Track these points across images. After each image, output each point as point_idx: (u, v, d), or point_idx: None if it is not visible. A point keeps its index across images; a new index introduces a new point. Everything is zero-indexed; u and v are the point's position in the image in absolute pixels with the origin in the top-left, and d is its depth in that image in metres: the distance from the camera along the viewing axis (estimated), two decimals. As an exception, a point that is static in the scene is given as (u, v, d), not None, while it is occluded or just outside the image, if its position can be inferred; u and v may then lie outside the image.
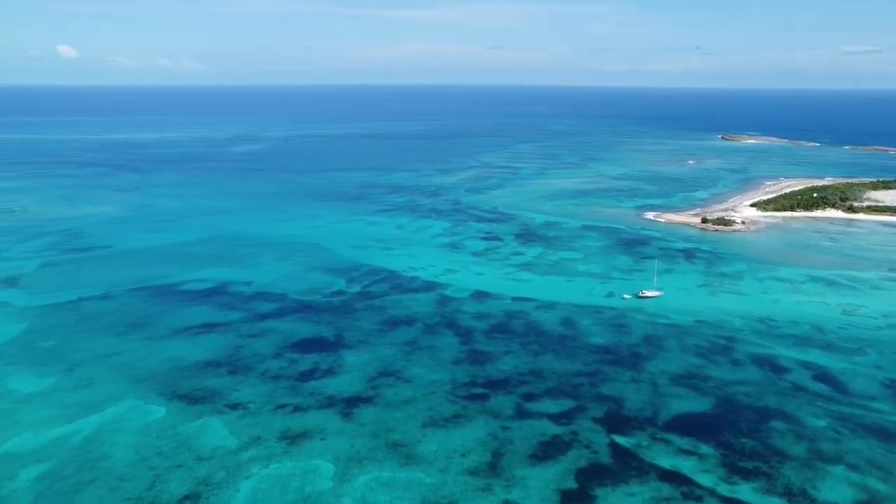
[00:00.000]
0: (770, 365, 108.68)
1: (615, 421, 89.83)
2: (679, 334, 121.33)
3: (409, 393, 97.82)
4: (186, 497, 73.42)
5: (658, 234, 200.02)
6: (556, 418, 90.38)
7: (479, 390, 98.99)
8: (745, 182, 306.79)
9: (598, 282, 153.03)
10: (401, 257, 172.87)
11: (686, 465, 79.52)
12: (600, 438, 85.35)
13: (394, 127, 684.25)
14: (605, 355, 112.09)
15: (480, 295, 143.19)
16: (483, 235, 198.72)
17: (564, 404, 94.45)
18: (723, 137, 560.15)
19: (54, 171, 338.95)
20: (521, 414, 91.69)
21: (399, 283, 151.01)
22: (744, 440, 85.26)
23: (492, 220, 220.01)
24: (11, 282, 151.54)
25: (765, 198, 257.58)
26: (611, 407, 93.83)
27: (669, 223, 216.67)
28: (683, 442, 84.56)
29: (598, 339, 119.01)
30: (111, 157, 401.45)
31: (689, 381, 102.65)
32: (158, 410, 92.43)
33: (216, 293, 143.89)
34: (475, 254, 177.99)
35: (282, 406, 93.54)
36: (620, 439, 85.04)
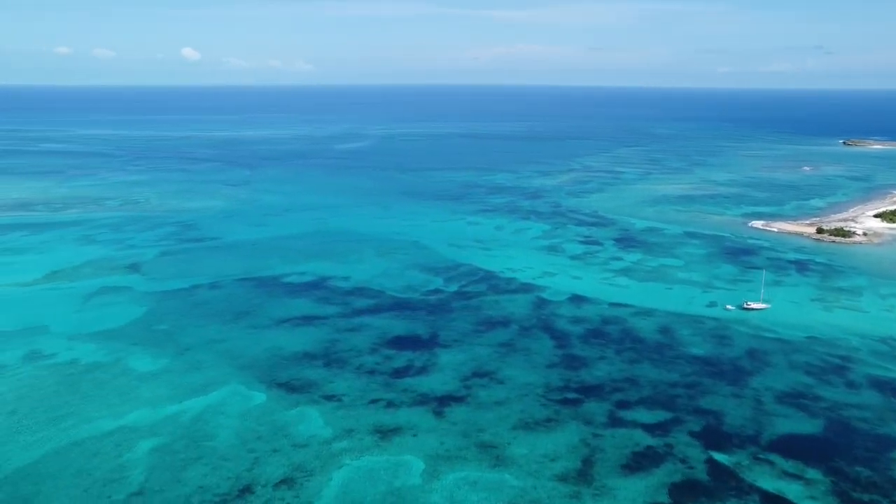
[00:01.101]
0: (892, 389, 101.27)
1: (714, 436, 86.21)
2: (787, 350, 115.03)
3: (502, 394, 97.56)
4: (282, 481, 76.20)
5: (767, 244, 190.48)
6: (650, 429, 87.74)
7: (572, 395, 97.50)
8: (869, 191, 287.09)
9: (699, 290, 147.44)
10: (499, 258, 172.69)
11: (791, 490, 75.25)
12: (697, 453, 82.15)
13: (495, 127, 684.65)
14: (705, 367, 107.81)
15: (577, 299, 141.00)
16: (582, 239, 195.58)
17: (660, 415, 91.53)
18: (844, 143, 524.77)
19: (173, 166, 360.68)
20: (615, 422, 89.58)
21: (496, 284, 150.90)
22: (859, 469, 79.70)
23: (591, 224, 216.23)
24: (135, 268, 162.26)
25: (891, 208, 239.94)
26: (709, 421, 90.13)
27: (780, 232, 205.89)
28: (789, 465, 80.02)
29: (697, 350, 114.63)
30: (223, 154, 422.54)
31: (798, 400, 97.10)
32: (259, 396, 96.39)
33: (316, 287, 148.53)
34: (573, 257, 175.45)
35: (375, 400, 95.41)
36: (719, 456, 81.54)
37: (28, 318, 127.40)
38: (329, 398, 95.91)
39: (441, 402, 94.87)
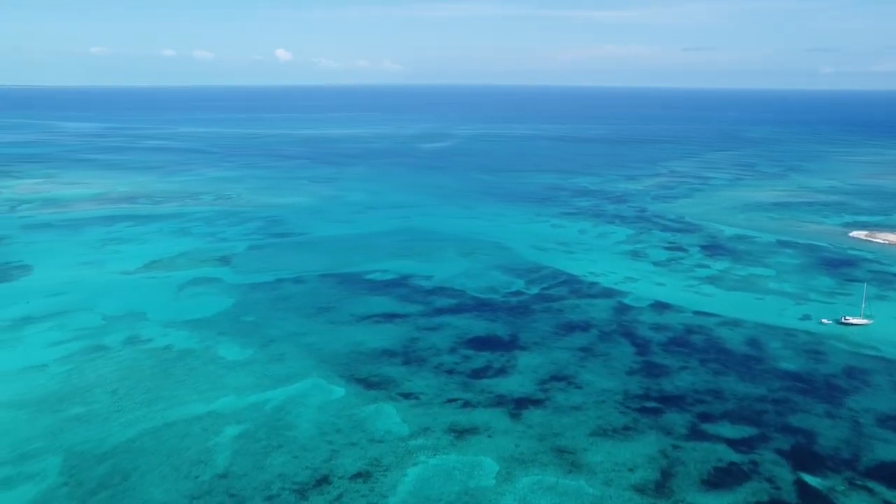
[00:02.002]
0: None
1: (804, 457, 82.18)
2: (891, 370, 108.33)
3: (580, 399, 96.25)
4: (358, 474, 77.71)
5: (870, 256, 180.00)
6: (734, 444, 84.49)
7: (651, 404, 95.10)
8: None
9: (792, 302, 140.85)
10: (581, 262, 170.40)
11: (887, 516, 70.93)
12: (785, 474, 78.52)
13: (581, 130, 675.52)
14: (796, 383, 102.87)
15: (660, 306, 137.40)
16: (667, 245, 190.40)
17: (745, 430, 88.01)
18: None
19: (263, 163, 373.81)
20: (696, 434, 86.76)
21: (578, 288, 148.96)
22: (963, 497, 74.32)
23: (677, 230, 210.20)
24: (225, 261, 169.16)
25: None
26: (799, 440, 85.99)
27: (886, 244, 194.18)
28: (892, 494, 75.24)
29: (788, 365, 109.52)
30: (310, 151, 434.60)
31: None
32: (338, 390, 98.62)
33: (398, 284, 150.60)
34: (657, 263, 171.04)
35: (452, 400, 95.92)
36: (810, 478, 77.66)
37: (129, 305, 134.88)
38: (407, 396, 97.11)
39: (518, 405, 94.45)
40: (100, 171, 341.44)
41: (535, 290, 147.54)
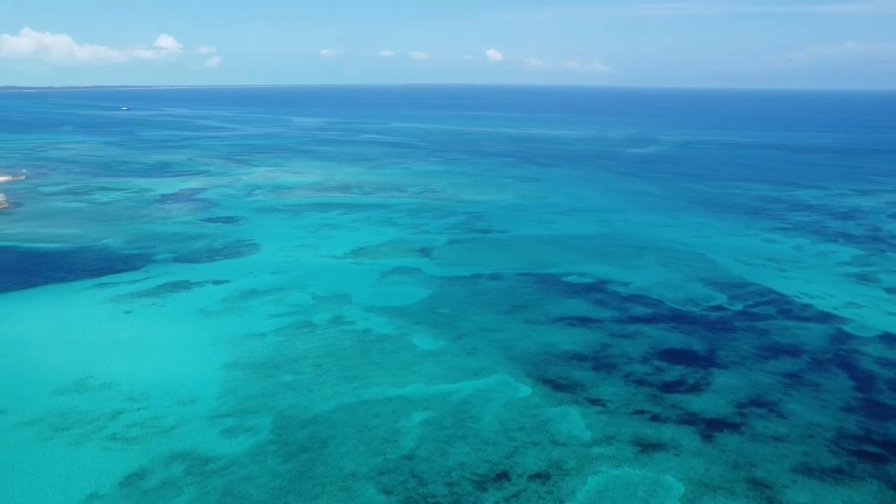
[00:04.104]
0: None
1: None
2: None
3: (782, 430, 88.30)
4: (537, 475, 77.58)
5: None
6: (974, 506, 72.86)
7: (873, 448, 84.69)
8: None
9: None
10: (794, 281, 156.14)
11: None
12: None
13: (806, 138, 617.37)
14: None
15: (891, 338, 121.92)
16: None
17: None
18: None
19: (469, 159, 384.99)
20: (926, 490, 75.94)
21: (788, 309, 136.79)
22: None
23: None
24: (426, 252, 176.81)
25: None
26: None
27: None
28: None
29: None
30: (514, 150, 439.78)
31: None
32: (525, 389, 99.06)
33: (593, 289, 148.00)
34: (890, 290, 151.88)
35: (640, 411, 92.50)
36: None
37: (336, 288, 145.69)
38: (593, 401, 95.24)
39: (710, 426, 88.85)
40: (319, 162, 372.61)
41: (738, 306, 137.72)
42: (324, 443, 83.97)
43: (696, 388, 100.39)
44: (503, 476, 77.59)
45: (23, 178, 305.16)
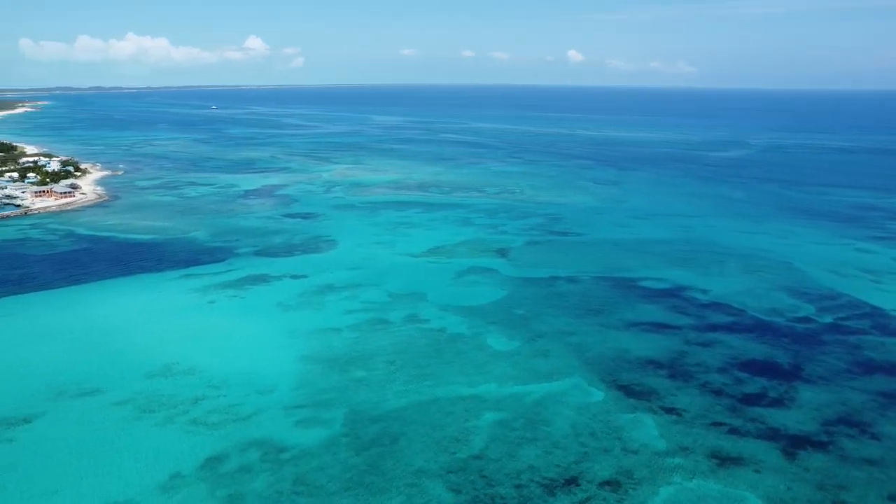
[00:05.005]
0: None
1: None
2: None
3: (876, 452, 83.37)
4: (607, 482, 76.06)
5: None
6: None
7: (973, 475, 79.03)
8: None
9: None
10: (893, 294, 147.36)
11: None
12: None
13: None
14: None
15: None
16: None
17: None
18: None
19: (547, 161, 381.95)
20: None
21: (884, 323, 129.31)
22: None
23: None
24: (503, 253, 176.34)
25: None
26: None
27: None
28: None
29: None
30: (594, 152, 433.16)
31: None
32: (598, 394, 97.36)
33: (671, 295, 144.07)
34: None
35: (718, 423, 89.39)
36: None
37: (412, 285, 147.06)
38: (668, 410, 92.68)
39: (794, 443, 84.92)
40: (398, 160, 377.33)
41: (827, 318, 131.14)
42: (394, 438, 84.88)
43: (779, 403, 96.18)
44: (573, 481, 76.46)
45: (121, 172, 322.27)
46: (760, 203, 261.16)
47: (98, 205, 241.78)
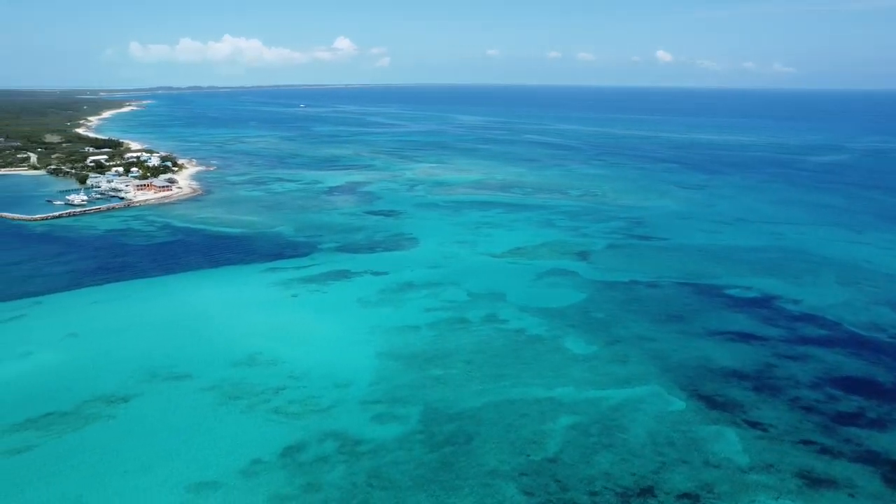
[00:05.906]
0: None
1: None
2: None
3: (981, 480, 77.65)
4: (686, 495, 73.77)
5: None
6: None
7: None
8: None
9: None
10: None
11: None
12: None
13: None
14: None
15: None
16: None
17: None
18: None
19: (631, 164, 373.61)
20: None
21: None
22: None
23: None
24: (583, 256, 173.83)
25: None
26: None
27: None
28: None
29: None
30: (681, 155, 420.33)
31: None
32: (678, 403, 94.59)
33: (759, 304, 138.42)
34: None
35: (807, 441, 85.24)
36: None
37: (492, 286, 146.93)
38: (753, 424, 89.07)
39: (895, 468, 79.91)
40: (481, 160, 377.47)
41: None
42: (469, 438, 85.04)
43: (878, 424, 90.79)
44: (648, 491, 74.57)
45: (213, 168, 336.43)
46: (860, 211, 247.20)
47: (192, 198, 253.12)
